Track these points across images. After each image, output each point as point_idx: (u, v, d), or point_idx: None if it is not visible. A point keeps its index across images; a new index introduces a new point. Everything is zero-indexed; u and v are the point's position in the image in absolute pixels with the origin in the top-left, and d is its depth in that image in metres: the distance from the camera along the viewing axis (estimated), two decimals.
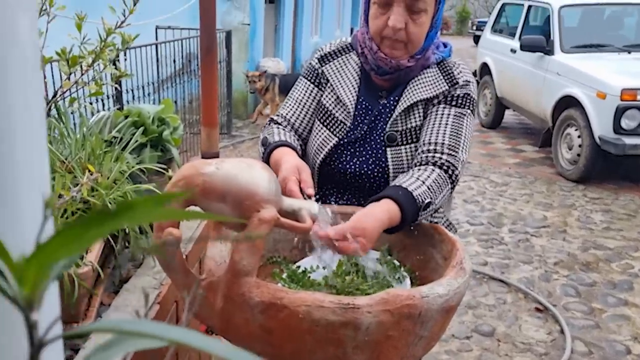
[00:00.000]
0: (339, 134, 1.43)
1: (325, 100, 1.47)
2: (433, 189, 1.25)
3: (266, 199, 0.98)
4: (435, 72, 1.43)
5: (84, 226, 0.21)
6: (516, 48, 6.64)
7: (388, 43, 1.35)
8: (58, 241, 0.21)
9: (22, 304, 0.22)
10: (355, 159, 1.42)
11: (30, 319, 0.22)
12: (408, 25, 1.31)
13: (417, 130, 1.40)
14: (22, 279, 0.21)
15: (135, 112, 1.68)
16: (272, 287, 0.97)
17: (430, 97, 1.39)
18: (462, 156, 1.34)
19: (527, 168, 6.00)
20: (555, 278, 3.58)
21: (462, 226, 4.37)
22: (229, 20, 7.71)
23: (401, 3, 1.29)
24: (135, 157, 1.65)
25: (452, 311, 1.05)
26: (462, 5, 29.47)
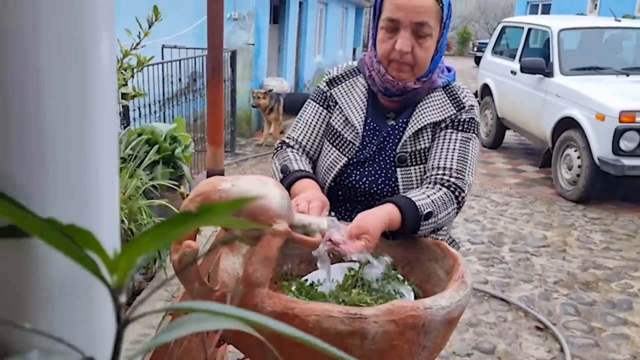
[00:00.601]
0: (348, 154, 1.49)
1: (335, 122, 1.53)
2: (437, 203, 1.32)
3: (279, 214, 1.04)
4: (442, 95, 1.49)
5: (169, 225, 0.26)
6: (516, 70, 6.74)
7: (395, 66, 1.41)
8: (147, 238, 0.26)
9: (113, 289, 0.27)
10: (364, 178, 1.48)
11: (119, 301, 0.27)
12: (414, 48, 1.38)
13: (426, 151, 1.47)
14: (114, 269, 0.27)
15: (148, 130, 1.75)
16: (284, 298, 1.02)
17: (439, 121, 1.46)
18: (469, 179, 1.42)
19: (527, 188, 6.06)
20: (555, 297, 3.62)
21: (464, 245, 4.41)
22: (234, 40, 7.83)
23: (408, 28, 1.36)
24: (148, 173, 1.71)
25: (454, 322, 1.10)
26: (463, 26, 29.82)
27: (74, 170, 0.33)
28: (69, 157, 0.32)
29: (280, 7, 9.52)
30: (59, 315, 0.31)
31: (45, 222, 0.25)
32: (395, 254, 1.36)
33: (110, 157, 0.35)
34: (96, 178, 0.33)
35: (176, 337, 0.33)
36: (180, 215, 0.27)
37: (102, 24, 0.34)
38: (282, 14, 9.62)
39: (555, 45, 6.21)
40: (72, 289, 0.32)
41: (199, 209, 0.27)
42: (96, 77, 0.35)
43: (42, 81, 0.31)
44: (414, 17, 1.35)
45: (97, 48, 0.34)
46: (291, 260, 1.40)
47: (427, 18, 1.35)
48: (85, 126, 0.33)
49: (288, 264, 1.39)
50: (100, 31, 0.34)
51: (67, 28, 0.32)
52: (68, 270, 0.31)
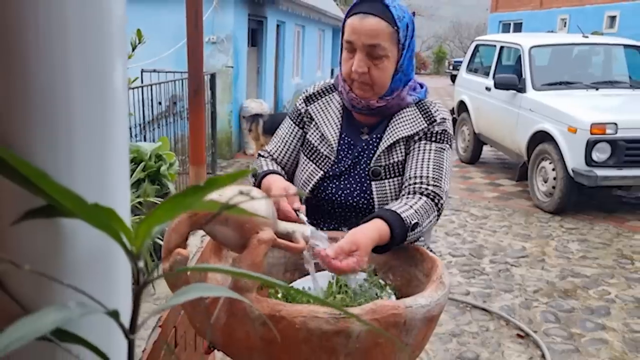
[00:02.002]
0: (324, 168, 1.55)
1: (311, 137, 1.60)
2: (420, 212, 1.36)
3: (264, 221, 1.09)
4: (414, 111, 1.56)
5: (181, 197, 0.32)
6: (490, 86, 6.91)
7: (357, 85, 1.49)
8: (162, 210, 0.32)
9: (133, 256, 0.32)
10: (340, 191, 1.54)
11: (138, 265, 0.33)
12: (370, 69, 1.45)
13: (400, 165, 1.53)
14: (133, 238, 0.32)
15: (134, 150, 1.80)
16: (271, 301, 1.07)
17: (411, 135, 1.52)
18: (445, 187, 1.47)
19: (505, 201, 6.18)
20: (535, 305, 3.69)
21: (445, 258, 4.49)
22: (213, 63, 7.91)
23: (363, 49, 1.43)
24: (135, 191, 1.76)
25: (433, 321, 1.15)
26: (438, 46, 30.37)
27: (95, 162, 0.39)
28: (91, 152, 0.38)
29: (258, 30, 9.65)
30: (86, 280, 0.37)
31: (79, 199, 0.30)
32: (377, 260, 1.41)
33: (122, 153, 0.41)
34: (111, 168, 0.39)
35: (184, 301, 0.38)
36: (190, 188, 0.32)
37: (117, 53, 0.40)
38: (260, 37, 9.75)
39: (526, 61, 6.40)
40: (96, 259, 0.37)
41: (205, 182, 0.32)
42: (113, 93, 0.41)
43: (71, 91, 0.37)
44: (366, 40, 1.42)
45: (114, 70, 0.40)
46: (277, 269, 1.45)
47: (379, 41, 1.42)
48: (104, 129, 0.39)
49: (273, 273, 1.44)
50: (116, 58, 0.40)
51: (91, 56, 0.38)
52: (92, 244, 0.36)
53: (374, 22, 1.42)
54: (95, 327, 0.37)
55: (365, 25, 1.42)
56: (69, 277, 0.35)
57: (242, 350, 1.13)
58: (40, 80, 0.36)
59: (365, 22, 1.42)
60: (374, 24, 1.42)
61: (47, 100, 0.36)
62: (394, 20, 1.43)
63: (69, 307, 0.30)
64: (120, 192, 0.40)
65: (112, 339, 0.35)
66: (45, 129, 0.36)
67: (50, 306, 0.30)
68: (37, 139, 0.37)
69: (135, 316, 0.33)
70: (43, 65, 0.36)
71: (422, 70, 29.28)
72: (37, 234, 0.35)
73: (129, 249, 0.32)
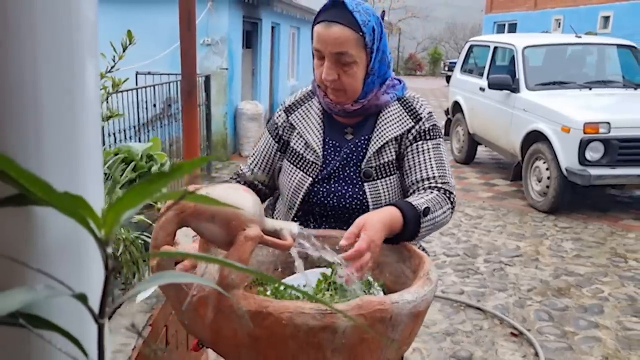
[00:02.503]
0: (312, 174, 1.55)
1: (295, 145, 1.59)
2: (432, 202, 1.40)
3: (250, 218, 1.10)
4: (398, 109, 1.56)
5: (146, 184, 0.32)
6: (485, 87, 6.94)
7: (330, 90, 1.49)
8: (129, 196, 0.32)
9: (102, 241, 0.33)
10: (332, 194, 1.54)
11: (107, 251, 0.33)
12: (340, 76, 1.44)
13: (390, 164, 1.53)
14: (102, 224, 0.33)
15: (124, 150, 1.80)
16: (258, 298, 1.08)
17: (399, 135, 1.53)
18: (452, 181, 1.51)
19: (500, 201, 6.20)
20: (529, 304, 3.71)
21: (439, 257, 4.50)
22: (208, 65, 7.92)
23: (331, 57, 1.43)
24: None
25: (420, 316, 1.16)
26: (433, 47, 30.44)
27: (65, 154, 0.40)
28: (60, 144, 0.39)
29: (252, 32, 9.66)
30: (57, 267, 0.37)
31: (49, 187, 0.31)
32: None
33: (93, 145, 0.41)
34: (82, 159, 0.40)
35: (156, 286, 0.39)
36: (155, 175, 0.33)
37: (87, 53, 0.41)
38: (254, 38, 9.76)
39: (520, 62, 6.43)
40: (68, 245, 0.38)
41: (170, 168, 0.33)
42: (83, 89, 0.42)
43: (39, 87, 0.39)
44: (332, 48, 1.41)
45: (84, 69, 0.41)
46: (266, 267, 1.46)
47: (345, 48, 1.41)
48: (74, 123, 0.40)
49: (263, 271, 1.45)
50: (86, 58, 0.41)
51: (60, 55, 0.40)
52: (64, 231, 0.37)
53: (338, 30, 1.40)
54: (67, 313, 0.38)
55: (330, 33, 1.41)
56: (40, 263, 0.36)
57: (230, 347, 1.14)
58: (9, 77, 0.37)
59: (330, 31, 1.41)
60: (339, 32, 1.40)
61: (16, 97, 0.37)
62: (359, 26, 1.41)
63: (36, 289, 0.31)
64: (91, 181, 0.41)
65: (85, 325, 0.36)
66: (15, 122, 0.37)
67: (17, 287, 0.30)
68: (7, 131, 0.38)
69: (104, 301, 0.34)
70: (11, 63, 0.37)
71: (418, 71, 29.36)
72: (7, 222, 0.36)
73: (97, 235, 0.33)
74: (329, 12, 1.43)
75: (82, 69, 0.41)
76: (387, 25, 30.08)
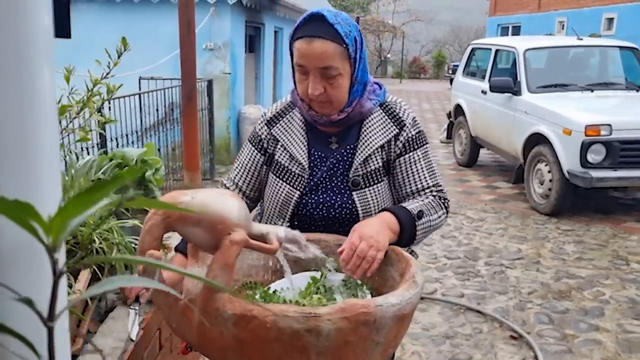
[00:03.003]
0: (299, 187, 1.52)
1: (280, 158, 1.56)
2: (427, 206, 1.46)
3: (236, 223, 1.11)
4: (381, 115, 1.54)
5: (89, 192, 0.34)
6: (486, 90, 6.94)
7: (315, 104, 1.46)
8: (74, 204, 0.34)
9: (49, 248, 0.34)
10: (320, 205, 1.52)
11: (54, 257, 0.35)
12: (327, 89, 1.42)
13: (377, 172, 1.53)
14: (49, 231, 0.34)
15: (119, 155, 1.82)
16: (243, 301, 1.09)
17: (384, 143, 1.53)
18: (444, 186, 1.57)
19: (502, 204, 6.19)
20: (529, 307, 3.70)
21: (440, 260, 4.50)
22: (210, 70, 7.95)
23: (316, 72, 1.40)
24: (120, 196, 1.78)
25: (405, 319, 1.17)
26: (437, 50, 30.43)
27: (15, 159, 0.41)
28: (9, 148, 0.41)
29: (255, 36, 9.70)
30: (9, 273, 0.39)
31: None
32: None
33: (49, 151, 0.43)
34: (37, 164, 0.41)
35: (106, 290, 0.40)
36: (97, 184, 0.34)
37: (43, 60, 0.43)
38: (257, 43, 9.80)
39: (521, 64, 6.43)
40: (20, 252, 0.39)
41: (111, 178, 0.34)
42: (34, 94, 0.43)
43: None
44: (317, 63, 1.39)
45: (39, 73, 0.43)
46: (256, 271, 1.47)
47: (330, 62, 1.39)
48: (26, 130, 0.42)
49: (253, 275, 1.46)
50: (41, 63, 0.43)
51: (9, 60, 0.41)
52: (18, 238, 0.38)
53: (322, 44, 1.38)
54: (24, 317, 0.39)
55: (313, 49, 1.37)
56: None
57: (217, 350, 1.15)
58: None
59: (313, 46, 1.37)
60: (323, 46, 1.38)
61: None
62: (342, 38, 1.39)
63: None
64: (48, 185, 0.43)
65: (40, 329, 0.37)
66: None
67: None
68: None
69: (53, 304, 0.35)
70: None
71: (422, 74, 29.35)
72: None
73: (45, 242, 0.34)
74: (308, 27, 1.40)
75: (33, 73, 0.42)
76: (390, 28, 30.13)
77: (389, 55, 30.47)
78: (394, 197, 1.58)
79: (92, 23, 8.08)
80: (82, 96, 1.83)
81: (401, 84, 25.29)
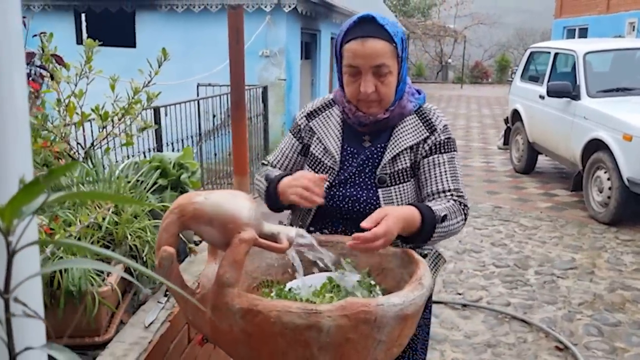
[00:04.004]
0: (329, 178, 1.61)
1: (315, 150, 1.67)
2: (450, 210, 1.49)
3: (246, 222, 1.18)
4: (414, 120, 1.62)
5: (34, 184, 0.41)
6: (544, 94, 6.75)
7: (363, 104, 1.55)
8: (22, 193, 0.41)
9: (2, 231, 0.42)
10: (347, 198, 1.60)
11: (7, 239, 0.42)
12: (377, 87, 1.51)
13: (404, 172, 1.59)
14: (2, 217, 0.41)
15: (157, 159, 1.93)
16: (250, 296, 1.15)
17: (414, 145, 1.59)
18: (465, 194, 1.59)
19: (559, 212, 6.00)
20: (578, 318, 3.59)
21: (488, 268, 4.43)
22: (266, 76, 8.15)
23: (368, 71, 1.50)
24: (157, 197, 1.89)
25: (408, 319, 1.20)
26: (501, 54, 29.70)
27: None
28: None
29: (311, 43, 9.84)
30: None
31: None
32: (372, 263, 1.48)
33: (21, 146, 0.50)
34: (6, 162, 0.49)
35: (60, 268, 0.47)
36: (38, 176, 0.41)
37: (14, 65, 0.50)
38: (313, 49, 9.93)
39: (581, 68, 6.22)
40: None
41: (49, 171, 0.41)
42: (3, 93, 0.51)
43: None
44: (371, 62, 1.48)
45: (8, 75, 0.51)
46: (274, 270, 1.53)
47: (383, 60, 1.48)
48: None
49: (271, 274, 1.52)
50: (8, 66, 0.50)
51: None
52: None
53: (375, 43, 1.48)
54: None
55: (367, 48, 1.48)
56: None
57: (228, 343, 1.22)
58: None
59: (367, 46, 1.48)
60: (376, 45, 1.48)
61: None
62: (391, 37, 1.50)
63: None
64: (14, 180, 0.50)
65: None
66: None
67: None
68: None
69: (8, 278, 0.42)
70: None
71: (484, 79, 28.73)
72: None
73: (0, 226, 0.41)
74: (360, 28, 1.50)
75: (1, 74, 0.50)
76: (452, 33, 29.66)
77: (450, 60, 30.01)
78: (418, 198, 1.62)
79: (155, 32, 8.45)
80: (125, 103, 1.95)
81: (462, 89, 24.84)
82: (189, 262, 1.89)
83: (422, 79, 28.67)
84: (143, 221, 1.67)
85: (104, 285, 1.43)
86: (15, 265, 0.44)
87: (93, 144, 2.01)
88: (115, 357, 1.37)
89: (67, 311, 1.37)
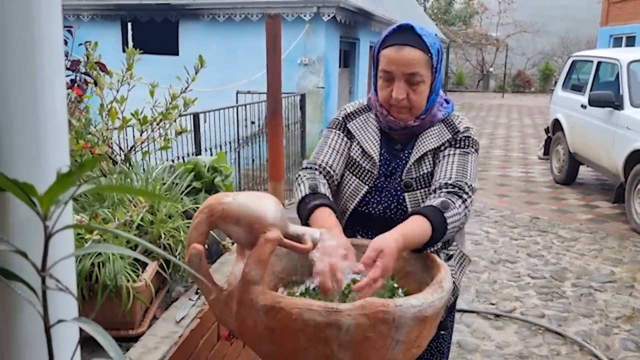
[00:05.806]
0: (368, 182, 1.65)
1: (353, 153, 1.70)
2: (445, 197, 1.46)
3: (272, 223, 1.23)
4: (440, 126, 1.65)
5: (66, 176, 0.46)
6: (586, 104, 6.62)
7: (395, 109, 1.59)
8: (57, 185, 0.46)
9: (41, 216, 0.47)
10: (380, 205, 1.64)
11: (45, 223, 0.47)
12: (409, 94, 1.55)
13: (429, 176, 1.62)
14: (41, 204, 0.47)
15: (193, 162, 2.01)
16: (274, 294, 1.20)
17: (437, 146, 1.62)
18: (469, 181, 1.54)
19: (600, 224, 5.87)
20: (615, 332, 3.51)
21: (523, 279, 4.37)
22: (304, 84, 8.25)
23: (401, 78, 1.54)
24: (192, 199, 1.97)
25: (427, 321, 1.23)
26: (544, 63, 29.14)
27: (29, 150, 0.56)
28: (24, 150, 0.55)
29: (350, 51, 9.91)
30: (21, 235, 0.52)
31: (4, 178, 0.46)
32: (396, 267, 1.50)
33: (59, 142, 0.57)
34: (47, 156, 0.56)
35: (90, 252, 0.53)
36: (70, 171, 0.47)
37: (55, 73, 0.57)
38: (352, 58, 9.99)
39: (624, 77, 6.08)
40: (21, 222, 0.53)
41: (79, 165, 0.46)
42: (43, 95, 0.57)
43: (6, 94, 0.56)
44: (405, 69, 1.52)
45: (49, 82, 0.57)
46: (302, 271, 1.58)
47: (417, 69, 1.52)
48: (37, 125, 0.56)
49: (299, 274, 1.57)
50: (50, 73, 0.57)
51: (26, 70, 0.56)
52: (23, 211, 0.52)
53: (410, 52, 1.52)
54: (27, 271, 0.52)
55: (402, 56, 1.52)
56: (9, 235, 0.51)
57: (253, 338, 1.27)
58: None
59: (402, 53, 1.52)
60: (411, 54, 1.52)
61: None
62: (427, 48, 1.54)
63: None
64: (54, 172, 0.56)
65: None
66: None
67: None
68: None
69: (45, 258, 0.48)
70: None
71: (526, 88, 28.22)
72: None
73: (38, 212, 0.47)
74: (397, 36, 1.55)
75: (43, 80, 0.56)
76: (493, 41, 29.28)
77: (492, 69, 29.60)
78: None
79: (198, 41, 8.66)
80: (163, 108, 2.04)
81: (503, 98, 24.47)
82: (220, 262, 1.96)
83: (462, 88, 28.37)
84: (177, 221, 1.75)
85: (139, 281, 1.50)
86: (51, 248, 0.50)
87: (133, 148, 2.11)
88: (147, 349, 1.44)
89: (104, 304, 1.45)
